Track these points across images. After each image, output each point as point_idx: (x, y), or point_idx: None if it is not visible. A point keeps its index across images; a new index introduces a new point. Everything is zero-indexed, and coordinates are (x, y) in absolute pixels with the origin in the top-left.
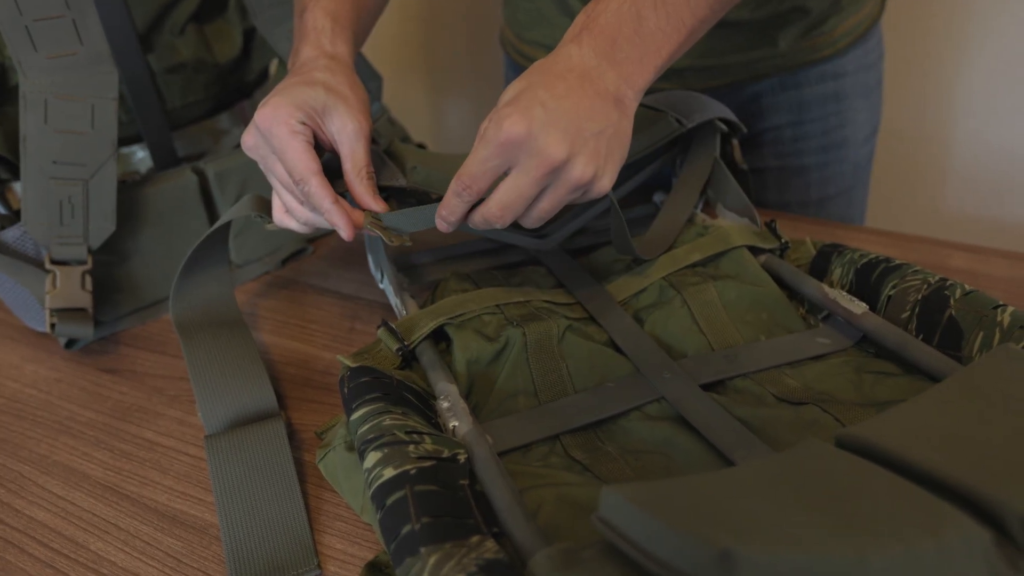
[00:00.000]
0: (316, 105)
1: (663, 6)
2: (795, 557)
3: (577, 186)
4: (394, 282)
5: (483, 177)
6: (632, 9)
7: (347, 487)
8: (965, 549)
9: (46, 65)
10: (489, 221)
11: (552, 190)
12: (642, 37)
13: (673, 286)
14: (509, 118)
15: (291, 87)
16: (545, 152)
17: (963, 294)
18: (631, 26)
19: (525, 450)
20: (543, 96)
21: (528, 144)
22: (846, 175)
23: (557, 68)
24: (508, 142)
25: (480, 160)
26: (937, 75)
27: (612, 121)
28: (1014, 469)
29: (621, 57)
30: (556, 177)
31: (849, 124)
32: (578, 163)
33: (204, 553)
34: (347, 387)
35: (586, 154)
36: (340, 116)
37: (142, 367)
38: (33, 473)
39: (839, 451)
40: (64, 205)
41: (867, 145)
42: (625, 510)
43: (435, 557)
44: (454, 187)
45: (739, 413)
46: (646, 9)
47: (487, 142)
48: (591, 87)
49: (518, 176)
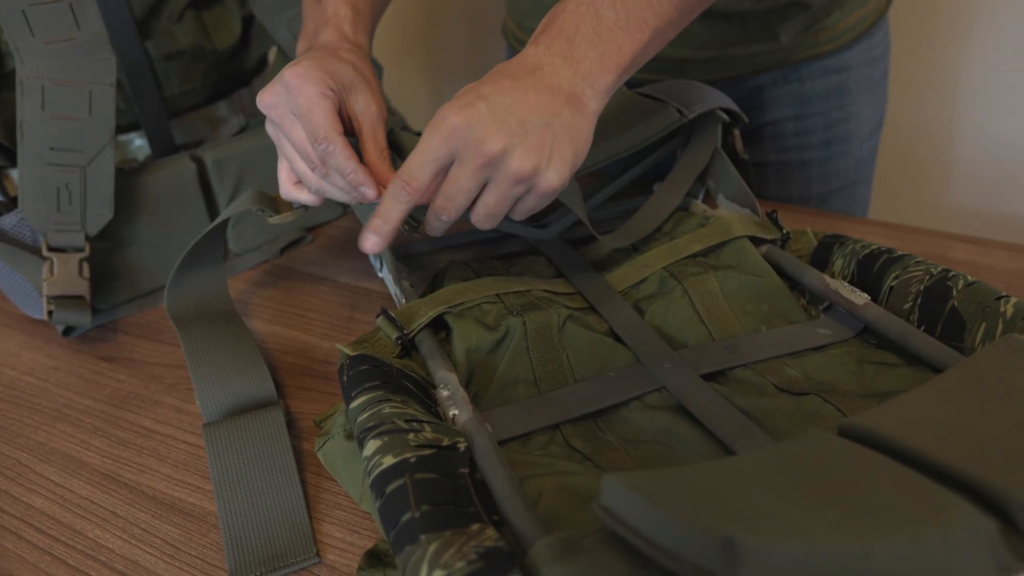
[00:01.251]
0: (345, 80)
1: (622, 5)
2: (798, 547)
3: (517, 179)
4: (393, 271)
5: (424, 170)
6: (590, 9)
7: (346, 476)
8: (970, 539)
9: (43, 50)
10: (436, 213)
11: (494, 184)
12: (600, 36)
13: (674, 276)
14: (450, 110)
15: (321, 57)
16: (481, 142)
17: (966, 285)
18: (589, 25)
19: (525, 439)
20: (486, 91)
21: (465, 134)
22: (849, 170)
23: (511, 68)
24: (448, 132)
25: (421, 154)
26: (941, 69)
27: (559, 115)
28: (1018, 458)
29: (579, 55)
30: (495, 169)
31: (853, 119)
32: (516, 155)
33: (202, 541)
34: (346, 375)
35: (526, 146)
36: (365, 97)
37: (140, 355)
38: (31, 460)
39: (841, 440)
40: (61, 192)
41: (871, 140)
42: (626, 498)
43: (435, 545)
44: (391, 189)
45: (740, 403)
46: (604, 9)
47: (428, 133)
48: (541, 83)
49: (458, 168)
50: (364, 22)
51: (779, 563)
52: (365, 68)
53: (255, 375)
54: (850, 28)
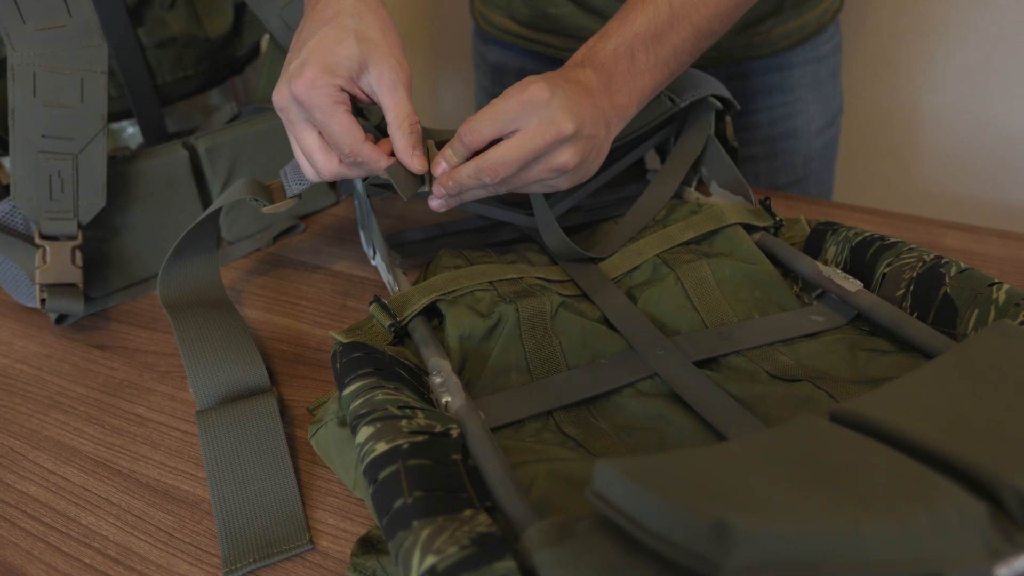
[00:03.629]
0: (352, 64)
1: (653, 51)
2: (788, 529)
3: (557, 169)
4: (386, 259)
5: (490, 128)
6: (628, 52)
7: (339, 462)
8: (960, 522)
9: (34, 37)
10: (480, 173)
11: (536, 165)
12: (633, 76)
13: (667, 263)
14: (535, 83)
15: (322, 46)
16: (558, 122)
17: (958, 272)
18: (625, 65)
19: (518, 426)
20: (564, 85)
21: (545, 109)
22: (796, 166)
23: (569, 76)
24: (529, 101)
25: (494, 111)
26: (933, 55)
27: (599, 135)
28: (1008, 443)
29: (615, 89)
30: (548, 153)
31: (798, 115)
32: (571, 149)
33: (196, 528)
34: (339, 362)
35: (578, 146)
36: (376, 67)
37: (133, 343)
38: (24, 448)
39: (833, 425)
40: (53, 179)
41: (821, 137)
42: (619, 483)
43: (428, 531)
44: (461, 134)
45: (733, 390)
46: (639, 53)
47: (507, 97)
48: (594, 99)
49: (523, 137)
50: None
51: (769, 545)
52: (371, 25)
53: (248, 363)
54: (786, 35)
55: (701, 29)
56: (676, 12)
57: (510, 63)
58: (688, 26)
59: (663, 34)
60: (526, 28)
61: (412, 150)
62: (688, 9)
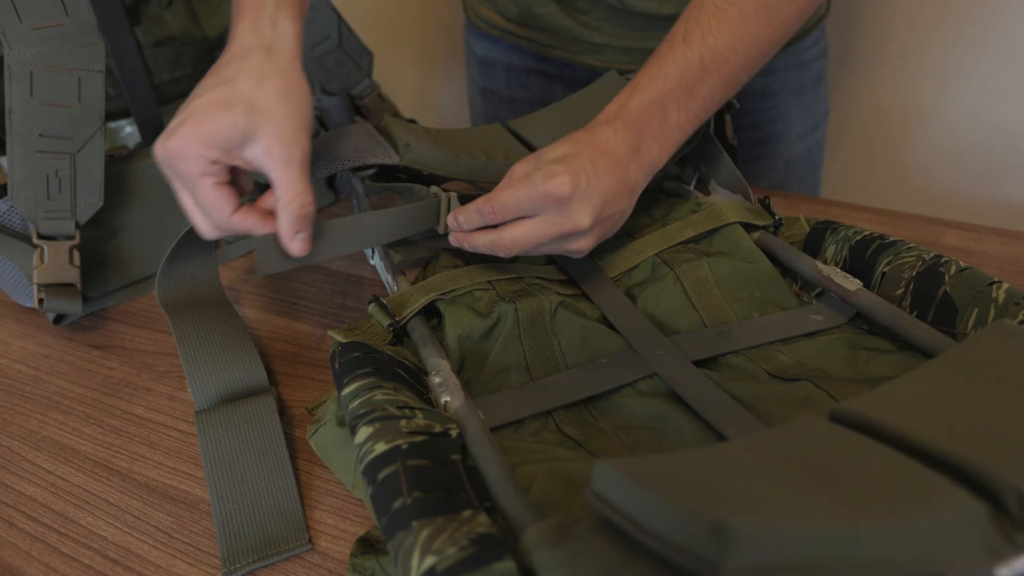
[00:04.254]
0: (232, 135)
1: (685, 106)
2: (788, 530)
3: (570, 250)
4: (385, 258)
5: (512, 212)
6: (660, 109)
7: (338, 463)
8: (960, 522)
9: (31, 36)
10: (496, 248)
11: (550, 244)
12: (664, 132)
13: (666, 263)
14: (559, 176)
15: (205, 110)
16: (575, 218)
17: (958, 271)
18: (657, 122)
19: (517, 426)
20: (588, 168)
21: (566, 204)
22: (777, 170)
23: (598, 145)
24: (550, 195)
25: (517, 199)
26: (932, 54)
27: (624, 209)
28: (1009, 444)
29: (644, 149)
30: (563, 239)
31: (779, 120)
32: (586, 238)
33: (195, 528)
34: (338, 362)
35: (596, 231)
36: (265, 140)
37: (131, 343)
38: (22, 448)
39: (833, 425)
40: (51, 179)
41: (803, 142)
42: (618, 484)
43: (427, 531)
44: (481, 208)
45: (732, 389)
46: (671, 110)
47: (531, 187)
48: (621, 174)
49: (540, 224)
50: (290, 3)
51: (769, 546)
52: (269, 91)
53: (247, 362)
54: None
55: (729, 81)
56: (706, 66)
57: (497, 57)
58: (718, 79)
59: (693, 88)
60: (513, 24)
61: (295, 233)
62: (718, 62)
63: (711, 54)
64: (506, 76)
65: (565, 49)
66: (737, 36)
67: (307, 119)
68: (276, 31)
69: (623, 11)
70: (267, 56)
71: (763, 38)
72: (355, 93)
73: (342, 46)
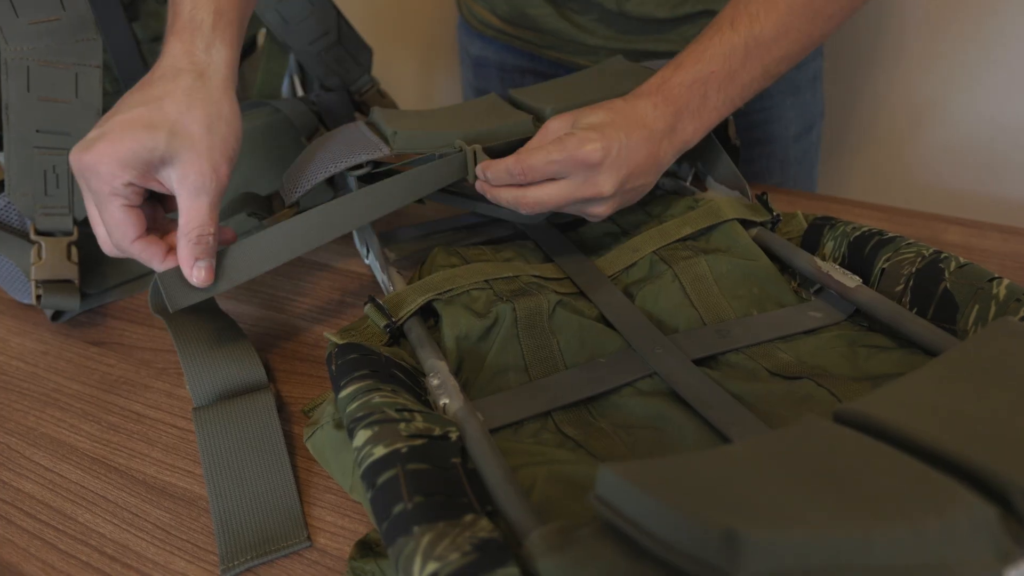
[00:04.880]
0: (151, 158)
1: (724, 90)
2: (799, 537)
3: (589, 214)
4: (380, 257)
5: (540, 175)
6: (701, 88)
7: (336, 466)
8: (970, 526)
9: (28, 31)
10: (518, 206)
11: (571, 206)
12: (701, 114)
13: (664, 260)
14: (592, 143)
15: (126, 127)
16: (599, 184)
17: (958, 267)
18: (697, 102)
19: (517, 427)
20: (622, 138)
21: (593, 171)
22: (773, 171)
23: (636, 116)
24: (581, 160)
25: (548, 160)
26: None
27: (647, 183)
28: (1016, 444)
29: (680, 128)
30: (584, 202)
31: (775, 121)
32: (608, 204)
33: (193, 525)
34: (334, 364)
35: (617, 199)
36: (182, 167)
37: (129, 339)
38: (20, 445)
39: (839, 427)
40: (48, 175)
41: (799, 143)
42: (623, 488)
43: (428, 537)
44: (511, 167)
45: (732, 388)
46: (711, 91)
47: (563, 149)
48: (653, 148)
49: (565, 187)
50: (228, 27)
51: (779, 555)
52: (196, 118)
53: (245, 359)
54: None
55: (769, 70)
56: (750, 52)
57: (490, 57)
58: (759, 67)
59: (736, 73)
60: (506, 24)
61: (194, 260)
62: (761, 51)
63: (756, 42)
64: (500, 76)
65: (559, 50)
66: (782, 27)
67: (231, 151)
68: (210, 57)
69: (617, 14)
70: (199, 81)
71: (805, 32)
72: (354, 89)
73: (341, 42)
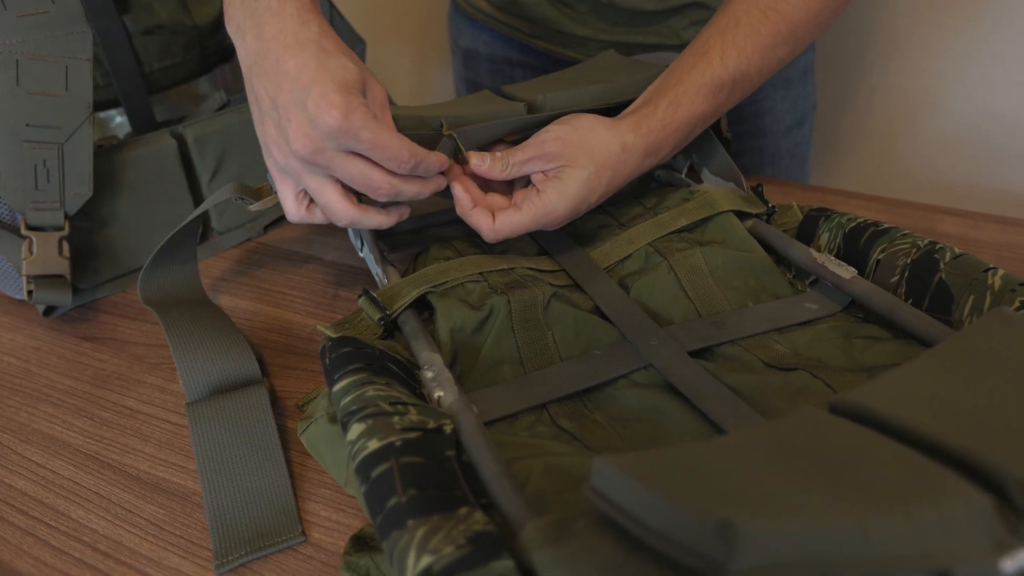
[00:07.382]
0: (356, 79)
1: (707, 123)
2: (794, 528)
3: None
4: (374, 250)
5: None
6: (687, 129)
7: (330, 460)
8: (966, 516)
9: (17, 24)
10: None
11: None
12: (681, 142)
13: (659, 252)
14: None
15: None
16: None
17: (953, 257)
18: (682, 136)
19: (512, 420)
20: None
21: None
22: (763, 165)
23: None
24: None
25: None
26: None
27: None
28: (1012, 434)
29: (656, 150)
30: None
31: (766, 114)
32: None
33: (187, 520)
34: (328, 358)
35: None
36: (371, 84)
37: (122, 334)
38: (12, 441)
39: (834, 417)
40: (39, 169)
41: (790, 136)
42: (618, 480)
43: (423, 530)
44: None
45: (728, 380)
46: (698, 128)
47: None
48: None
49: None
50: None
51: (775, 546)
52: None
53: (238, 354)
54: None
55: (746, 93)
56: (736, 85)
57: (480, 49)
58: (739, 94)
59: (720, 106)
60: (498, 10)
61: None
62: (745, 82)
63: (743, 75)
64: (490, 68)
65: (548, 40)
66: (767, 61)
67: None
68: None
69: (607, 4)
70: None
71: (785, 61)
72: None
73: None
